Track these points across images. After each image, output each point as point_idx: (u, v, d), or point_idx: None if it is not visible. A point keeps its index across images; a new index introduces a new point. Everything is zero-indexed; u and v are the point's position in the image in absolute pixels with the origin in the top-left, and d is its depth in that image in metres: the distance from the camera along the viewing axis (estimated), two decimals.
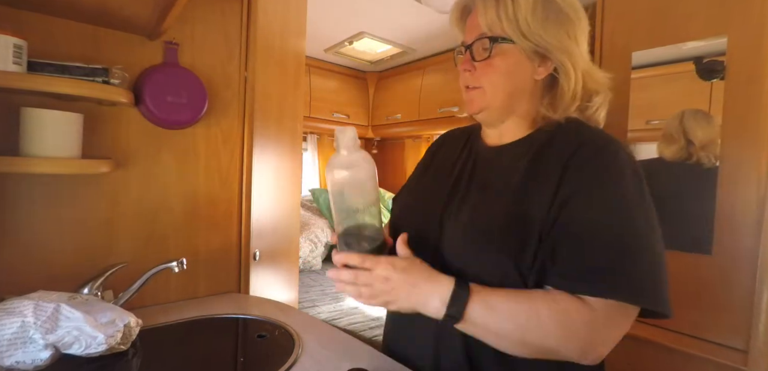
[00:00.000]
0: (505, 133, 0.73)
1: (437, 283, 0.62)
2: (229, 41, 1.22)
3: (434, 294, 0.61)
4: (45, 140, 0.85)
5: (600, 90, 0.71)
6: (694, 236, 1.32)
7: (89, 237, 1.00)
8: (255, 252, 1.33)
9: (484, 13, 0.67)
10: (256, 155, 1.30)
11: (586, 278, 0.56)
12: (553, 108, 0.68)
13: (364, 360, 0.77)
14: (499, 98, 0.69)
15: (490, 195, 0.67)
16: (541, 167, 0.64)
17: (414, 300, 0.62)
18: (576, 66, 0.66)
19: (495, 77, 0.68)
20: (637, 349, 1.36)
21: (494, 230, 0.63)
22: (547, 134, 0.68)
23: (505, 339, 0.60)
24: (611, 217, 0.58)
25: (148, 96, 1.03)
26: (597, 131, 0.67)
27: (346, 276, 0.64)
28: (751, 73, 1.20)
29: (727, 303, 1.24)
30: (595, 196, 0.59)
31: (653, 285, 0.57)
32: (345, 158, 0.63)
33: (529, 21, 0.64)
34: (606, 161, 0.61)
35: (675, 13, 1.36)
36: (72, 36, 0.96)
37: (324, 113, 3.09)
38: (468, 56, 0.70)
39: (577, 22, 0.67)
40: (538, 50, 0.66)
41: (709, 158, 1.22)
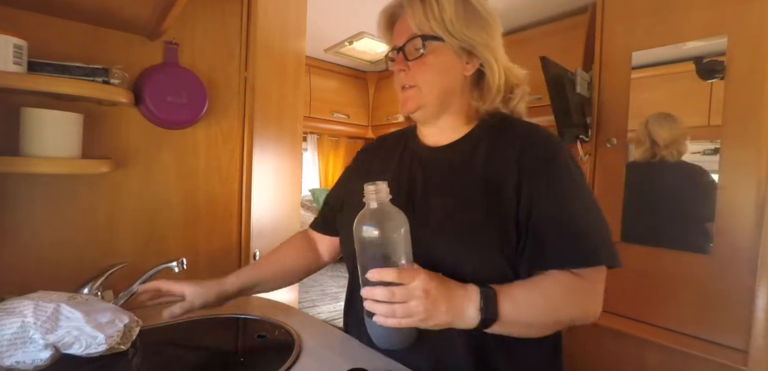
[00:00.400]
0: (443, 131, 0.78)
1: (468, 290, 0.62)
2: (229, 41, 1.22)
3: (469, 303, 0.61)
4: (45, 140, 0.85)
5: (519, 83, 0.78)
6: (693, 236, 1.32)
7: (89, 237, 1.00)
8: (255, 252, 1.33)
9: (412, 15, 0.72)
10: (256, 155, 1.30)
11: (578, 256, 0.65)
12: (482, 100, 0.75)
13: (364, 360, 0.77)
14: (434, 94, 0.74)
15: (456, 195, 0.71)
16: (496, 163, 0.71)
17: (453, 313, 0.60)
18: (498, 61, 0.74)
19: (429, 74, 0.73)
20: (637, 349, 1.36)
21: (475, 228, 0.67)
22: (487, 130, 0.75)
23: (532, 326, 0.66)
24: (577, 202, 0.67)
25: (148, 96, 1.03)
26: (534, 126, 0.76)
27: (380, 293, 0.59)
28: (751, 73, 1.20)
29: (727, 303, 1.24)
30: (558, 187, 0.67)
31: (613, 247, 0.67)
32: (376, 212, 0.60)
33: (454, 21, 0.71)
34: (553, 153, 0.70)
35: (675, 13, 1.36)
36: (72, 36, 0.96)
37: (324, 112, 3.09)
38: (401, 57, 0.75)
39: (493, 24, 0.75)
40: (464, 47, 0.72)
41: (672, 154, 1.36)
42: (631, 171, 1.46)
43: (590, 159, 1.58)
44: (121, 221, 1.05)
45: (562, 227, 0.65)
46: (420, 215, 0.71)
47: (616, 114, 1.51)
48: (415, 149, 0.82)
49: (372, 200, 0.61)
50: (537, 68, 1.46)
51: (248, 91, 1.26)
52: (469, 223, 0.68)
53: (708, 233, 1.28)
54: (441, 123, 0.77)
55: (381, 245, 0.60)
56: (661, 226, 1.39)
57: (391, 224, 0.60)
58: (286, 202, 1.49)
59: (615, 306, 1.50)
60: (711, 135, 1.27)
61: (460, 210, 0.69)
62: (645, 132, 1.42)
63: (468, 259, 0.66)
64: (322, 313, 2.98)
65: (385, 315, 0.59)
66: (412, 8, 0.72)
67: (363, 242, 0.61)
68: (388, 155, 0.86)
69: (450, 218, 0.69)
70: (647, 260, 1.41)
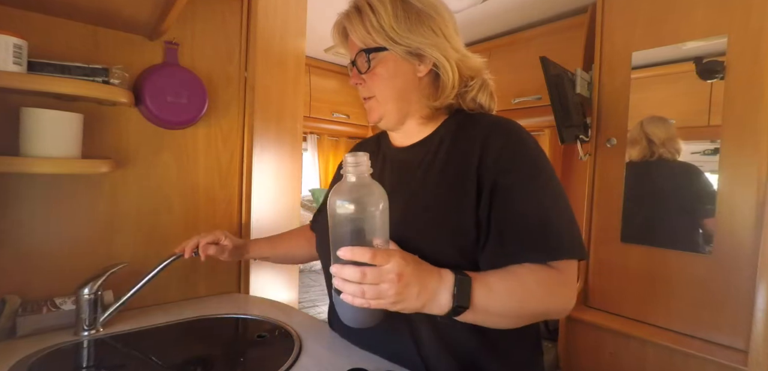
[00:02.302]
0: (408, 134, 0.80)
1: (442, 275, 0.61)
2: (229, 41, 1.22)
3: (442, 288, 0.60)
4: (45, 140, 0.85)
5: (475, 74, 0.77)
6: (693, 236, 1.32)
7: (89, 237, 1.00)
8: None
9: (354, 31, 0.73)
10: (256, 155, 1.29)
11: (548, 249, 0.64)
12: (436, 97, 0.75)
13: (364, 360, 0.77)
14: (390, 100, 0.75)
15: (414, 192, 0.72)
16: (457, 157, 0.71)
17: (424, 297, 0.59)
18: (449, 57, 0.73)
19: (381, 84, 0.74)
20: (637, 349, 1.36)
21: (430, 222, 0.68)
22: (452, 127, 0.76)
23: (506, 316, 0.64)
24: (543, 194, 0.66)
25: (148, 96, 1.03)
26: (497, 119, 0.75)
27: (351, 273, 0.56)
28: (751, 73, 1.20)
29: (727, 303, 1.24)
30: (524, 179, 0.66)
31: (580, 238, 0.67)
32: (354, 186, 0.57)
33: (395, 26, 0.70)
34: (517, 144, 0.69)
35: (675, 13, 1.36)
36: (72, 36, 0.96)
37: (324, 113, 3.09)
38: (355, 71, 0.76)
39: (438, 17, 0.73)
40: (411, 51, 0.72)
41: (670, 152, 1.38)
42: (630, 171, 1.46)
43: (590, 159, 1.58)
44: (121, 221, 1.05)
45: (529, 219, 0.64)
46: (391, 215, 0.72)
47: (616, 114, 1.51)
48: (386, 151, 0.84)
49: (350, 174, 0.58)
50: (537, 68, 1.46)
51: (248, 91, 1.26)
52: (424, 218, 0.69)
53: (706, 232, 1.28)
54: (405, 127, 0.79)
55: (355, 221, 0.57)
56: (661, 226, 1.39)
57: (369, 200, 0.57)
58: (286, 202, 1.49)
59: (615, 306, 1.50)
60: (711, 135, 1.27)
61: (417, 206, 0.70)
62: (641, 132, 1.44)
63: (425, 253, 0.64)
64: (322, 313, 2.98)
65: (354, 295, 0.56)
66: (352, 24, 0.73)
67: (337, 217, 0.58)
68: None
69: (408, 215, 0.70)
70: (647, 260, 1.41)
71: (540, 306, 0.65)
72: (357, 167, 0.58)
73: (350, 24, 0.74)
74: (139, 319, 0.98)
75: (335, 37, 0.80)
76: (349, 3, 0.76)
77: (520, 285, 0.63)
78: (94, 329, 0.89)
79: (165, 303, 1.10)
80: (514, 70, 2.09)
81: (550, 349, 1.66)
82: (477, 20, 2.09)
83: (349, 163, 0.58)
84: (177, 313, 1.03)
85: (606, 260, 1.52)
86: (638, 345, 1.35)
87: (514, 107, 2.06)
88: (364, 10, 0.72)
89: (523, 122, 0.85)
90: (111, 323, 0.93)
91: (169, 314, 1.02)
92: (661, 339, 1.31)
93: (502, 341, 0.70)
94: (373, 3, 0.71)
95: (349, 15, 0.74)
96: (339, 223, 0.58)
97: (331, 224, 0.59)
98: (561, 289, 0.65)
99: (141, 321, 0.97)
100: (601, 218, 1.55)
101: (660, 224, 1.39)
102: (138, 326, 0.95)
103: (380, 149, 0.87)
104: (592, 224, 1.57)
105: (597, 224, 1.56)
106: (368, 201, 0.57)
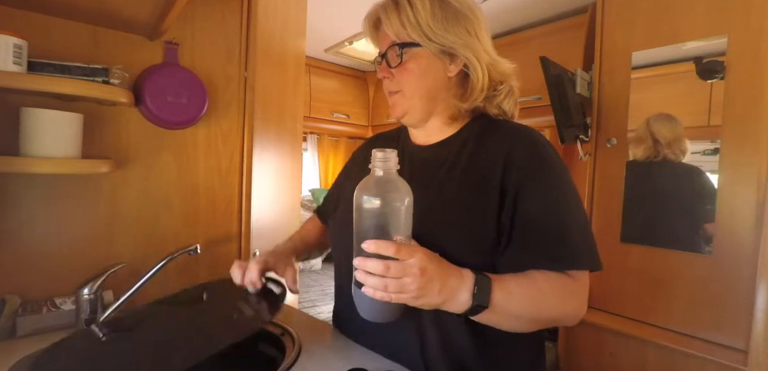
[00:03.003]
0: (431, 132, 0.79)
1: (463, 274, 0.61)
2: (229, 41, 1.22)
3: (463, 286, 0.60)
4: (45, 140, 0.85)
5: (504, 79, 0.77)
6: (693, 236, 1.32)
7: (89, 237, 1.00)
8: (255, 252, 1.33)
9: (389, 24, 0.72)
10: (256, 155, 1.29)
11: (564, 259, 0.65)
12: (465, 99, 0.74)
13: (364, 360, 0.77)
14: (417, 97, 0.74)
15: (437, 192, 0.71)
16: (480, 161, 0.71)
17: (445, 294, 0.59)
18: (480, 59, 0.72)
19: (411, 79, 0.73)
20: (637, 349, 1.36)
21: (453, 224, 0.68)
22: (475, 130, 0.75)
23: (520, 319, 0.65)
24: (563, 205, 0.67)
25: (148, 96, 1.03)
26: (521, 127, 0.75)
27: (374, 266, 0.56)
28: (751, 73, 1.20)
29: (727, 303, 1.24)
30: (545, 189, 0.67)
31: (595, 249, 0.68)
32: (381, 181, 0.58)
33: (431, 24, 0.70)
34: (541, 154, 0.69)
35: (675, 13, 1.36)
36: (72, 36, 0.96)
37: (324, 113, 3.09)
38: (384, 64, 0.75)
39: (474, 19, 0.73)
40: (444, 50, 0.71)
41: (675, 153, 1.35)
42: (630, 171, 1.46)
43: (590, 159, 1.58)
44: (121, 220, 1.05)
45: (549, 227, 0.65)
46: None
47: (616, 114, 1.51)
48: (405, 148, 0.83)
49: (378, 168, 0.58)
50: (537, 68, 1.46)
51: (248, 91, 1.26)
52: (446, 218, 0.68)
53: (707, 233, 1.28)
54: (428, 125, 0.78)
55: (381, 216, 0.57)
56: (661, 226, 1.39)
57: (395, 196, 0.57)
58: (286, 202, 1.49)
59: (615, 306, 1.50)
60: (711, 135, 1.27)
61: (439, 207, 0.70)
62: (647, 131, 1.42)
63: (445, 252, 0.65)
64: (322, 313, 2.98)
65: (376, 288, 0.56)
66: (387, 16, 0.72)
67: (362, 211, 0.58)
68: None
69: (429, 214, 0.69)
70: (647, 260, 1.41)
71: (554, 312, 0.66)
72: (386, 162, 0.58)
73: (386, 16, 0.72)
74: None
75: (367, 27, 0.78)
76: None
77: (537, 290, 0.64)
78: None
79: None
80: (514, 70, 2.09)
81: (550, 349, 1.66)
82: None
83: (378, 158, 0.58)
84: None
85: (606, 260, 1.50)
86: (638, 345, 1.35)
87: None
88: (402, 4, 0.70)
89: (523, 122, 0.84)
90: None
91: None
92: (661, 339, 1.31)
93: (505, 345, 0.70)
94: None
95: (386, 7, 0.72)
96: (364, 217, 0.58)
97: (357, 217, 0.59)
98: (574, 297, 0.66)
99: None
100: (601, 218, 1.55)
101: (660, 224, 1.39)
102: None
103: (399, 144, 0.85)
104: (592, 224, 1.57)
105: (597, 224, 1.56)
106: (394, 197, 0.58)
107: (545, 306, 0.65)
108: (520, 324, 0.66)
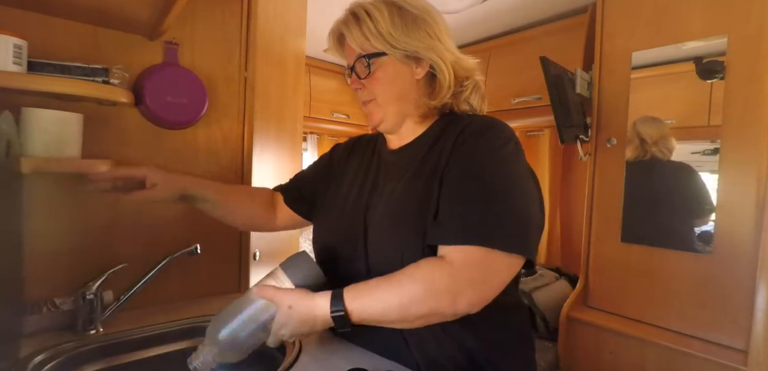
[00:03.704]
0: (404, 134, 0.81)
1: (318, 295, 0.67)
2: (229, 41, 1.22)
3: (319, 305, 0.65)
4: (45, 140, 0.85)
5: (469, 75, 0.80)
6: (693, 236, 1.32)
7: (89, 237, 1.00)
8: (255, 252, 1.33)
9: (352, 38, 0.75)
10: (256, 155, 1.29)
11: (449, 230, 0.65)
12: (434, 97, 0.77)
13: (363, 360, 0.77)
14: (390, 102, 0.77)
15: (398, 192, 0.74)
16: (436, 152, 0.73)
17: (311, 321, 0.66)
18: (445, 59, 0.75)
19: (382, 87, 0.76)
20: (637, 349, 1.36)
21: (408, 219, 0.70)
22: (437, 130, 0.78)
23: (391, 316, 0.65)
24: (479, 178, 0.66)
25: (148, 96, 1.03)
26: (477, 117, 0.77)
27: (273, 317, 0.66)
28: (751, 73, 1.20)
29: (727, 303, 1.24)
30: (470, 162, 0.68)
31: (507, 232, 0.63)
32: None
33: (392, 32, 0.72)
34: (488, 135, 0.70)
35: (675, 13, 1.36)
36: (72, 36, 0.96)
37: (324, 113, 3.08)
38: (355, 76, 0.78)
39: (432, 22, 0.75)
40: (409, 55, 0.74)
41: (662, 152, 1.39)
42: (630, 171, 1.46)
43: (590, 159, 1.58)
44: (121, 221, 1.05)
45: (459, 206, 0.66)
46: (372, 212, 0.76)
47: (616, 114, 1.50)
48: (380, 153, 0.87)
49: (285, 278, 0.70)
50: (537, 68, 1.46)
51: (248, 91, 1.26)
52: (403, 216, 0.71)
53: (702, 232, 1.29)
54: (402, 128, 0.81)
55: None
56: (661, 226, 1.39)
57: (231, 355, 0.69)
58: None
59: (615, 306, 1.50)
60: (711, 135, 1.27)
61: (398, 205, 0.73)
62: (633, 132, 1.45)
63: (406, 248, 0.69)
64: None
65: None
66: (350, 30, 0.75)
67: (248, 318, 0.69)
68: (362, 159, 0.90)
69: (390, 213, 0.73)
70: (647, 260, 1.41)
71: (420, 305, 0.63)
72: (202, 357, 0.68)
73: (348, 30, 0.75)
74: (139, 319, 0.98)
75: (331, 43, 0.81)
76: (345, 10, 0.77)
77: (396, 287, 0.64)
78: (94, 329, 0.90)
79: (165, 303, 1.10)
80: (514, 71, 2.09)
81: (550, 349, 1.66)
82: (477, 20, 2.09)
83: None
84: (177, 313, 1.03)
85: (606, 260, 1.52)
86: (638, 345, 1.35)
87: (514, 107, 2.06)
88: (362, 16, 0.73)
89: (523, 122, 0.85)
90: (111, 323, 0.93)
91: (169, 314, 1.02)
92: (661, 339, 1.31)
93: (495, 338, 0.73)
94: (370, 9, 0.73)
95: (347, 22, 0.76)
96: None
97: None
98: (442, 282, 0.62)
99: (141, 321, 0.97)
100: (601, 218, 1.55)
101: (660, 224, 1.39)
102: (138, 326, 0.95)
103: (375, 151, 0.89)
104: (592, 224, 1.57)
105: (597, 224, 1.56)
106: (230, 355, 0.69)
107: (408, 302, 0.63)
108: (393, 320, 0.65)
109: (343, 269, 0.78)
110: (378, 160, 0.86)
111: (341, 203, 0.85)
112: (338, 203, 0.86)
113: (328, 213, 0.88)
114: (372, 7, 0.73)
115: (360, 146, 0.94)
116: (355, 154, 0.93)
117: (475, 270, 0.63)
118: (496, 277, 0.64)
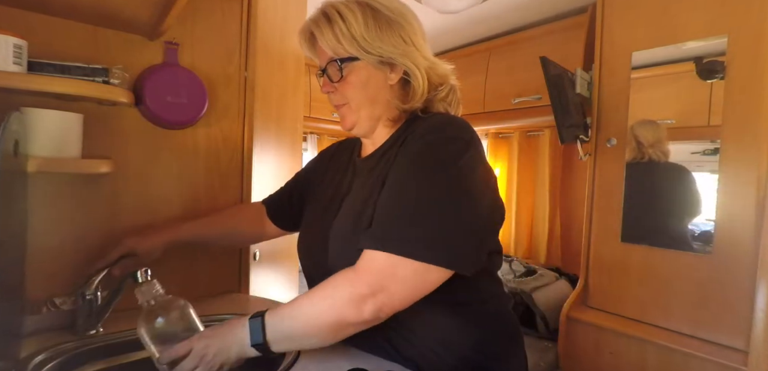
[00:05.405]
0: (377, 139, 0.80)
1: (237, 323, 0.66)
2: (229, 41, 1.22)
3: (239, 332, 0.65)
4: (45, 140, 0.85)
5: (443, 81, 0.77)
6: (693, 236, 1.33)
7: (89, 237, 1.00)
8: (255, 252, 1.33)
9: (324, 40, 0.71)
10: (256, 155, 1.29)
11: (365, 235, 0.63)
12: (407, 102, 0.75)
13: (364, 360, 0.77)
14: (363, 107, 0.75)
15: (360, 199, 0.73)
16: (390, 156, 0.72)
17: (233, 350, 0.65)
18: (419, 65, 0.73)
19: (354, 92, 0.74)
20: (637, 349, 1.36)
21: (360, 227, 0.68)
22: (403, 130, 0.75)
23: (307, 334, 0.65)
24: (403, 182, 0.65)
25: (148, 96, 1.03)
26: (434, 116, 0.74)
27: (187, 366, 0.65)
28: (751, 73, 1.20)
29: (727, 303, 1.24)
30: (402, 165, 0.66)
31: (416, 238, 0.60)
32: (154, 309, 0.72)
33: (365, 36, 0.69)
34: (432, 135, 0.67)
35: (675, 13, 1.36)
36: (72, 36, 0.96)
37: (324, 113, 3.09)
38: (326, 79, 0.76)
39: (407, 25, 0.73)
40: (383, 60, 0.72)
41: (657, 154, 1.41)
42: (630, 171, 1.46)
43: (590, 159, 1.58)
44: (121, 220, 1.05)
45: (384, 208, 0.64)
46: (333, 230, 0.75)
47: (616, 114, 1.51)
48: (354, 160, 0.85)
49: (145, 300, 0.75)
50: (537, 68, 1.46)
51: (248, 91, 1.26)
52: (357, 230, 0.68)
53: (700, 232, 1.29)
54: (375, 135, 0.79)
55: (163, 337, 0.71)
56: (661, 226, 1.39)
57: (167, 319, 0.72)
58: None
59: (615, 306, 1.50)
60: (711, 135, 1.27)
61: (352, 218, 0.72)
62: (630, 135, 1.46)
63: (353, 256, 0.66)
64: None
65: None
66: (321, 32, 0.71)
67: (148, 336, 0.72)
68: (338, 168, 0.89)
69: (343, 228, 0.73)
70: (647, 260, 1.41)
71: (330, 316, 0.62)
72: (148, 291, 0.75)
73: (320, 32, 0.72)
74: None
75: (303, 43, 0.78)
76: (316, 9, 0.74)
77: (307, 303, 0.65)
78: (94, 329, 0.89)
79: None
80: (514, 70, 2.09)
81: (550, 349, 1.66)
82: (477, 20, 2.09)
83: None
84: None
85: (606, 260, 1.52)
86: (638, 345, 1.35)
87: (514, 107, 2.06)
88: (334, 17, 0.70)
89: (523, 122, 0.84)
90: (111, 323, 0.93)
91: None
92: (661, 339, 1.31)
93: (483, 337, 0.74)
94: (343, 11, 0.70)
95: (318, 22, 0.72)
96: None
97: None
98: (345, 288, 0.62)
99: None
100: (601, 218, 1.55)
101: (660, 224, 1.39)
102: None
103: (351, 158, 0.87)
104: (592, 224, 1.57)
105: (597, 224, 1.56)
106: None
107: (319, 315, 0.63)
108: (312, 339, 0.66)
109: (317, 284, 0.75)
110: (353, 168, 0.84)
111: (310, 218, 0.86)
112: (308, 217, 0.87)
113: (304, 227, 0.89)
114: (344, 7, 0.70)
115: (340, 152, 0.93)
116: (335, 160, 0.92)
117: (373, 276, 0.61)
118: (401, 284, 0.60)
